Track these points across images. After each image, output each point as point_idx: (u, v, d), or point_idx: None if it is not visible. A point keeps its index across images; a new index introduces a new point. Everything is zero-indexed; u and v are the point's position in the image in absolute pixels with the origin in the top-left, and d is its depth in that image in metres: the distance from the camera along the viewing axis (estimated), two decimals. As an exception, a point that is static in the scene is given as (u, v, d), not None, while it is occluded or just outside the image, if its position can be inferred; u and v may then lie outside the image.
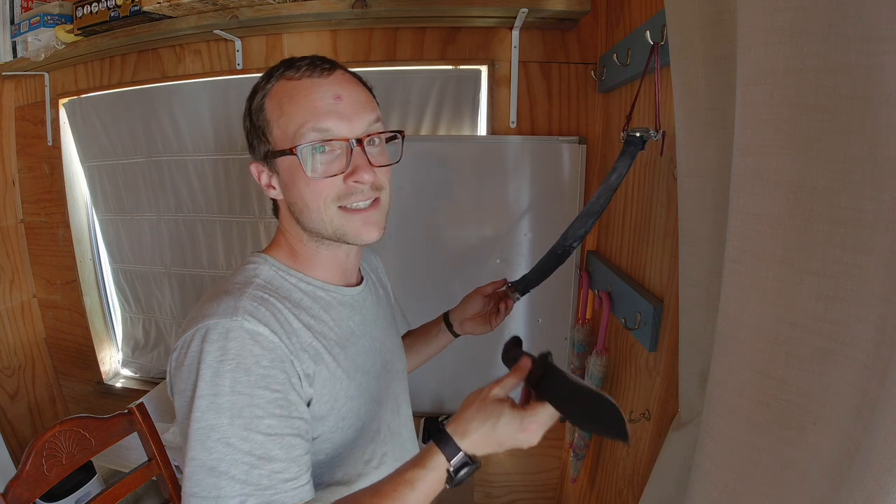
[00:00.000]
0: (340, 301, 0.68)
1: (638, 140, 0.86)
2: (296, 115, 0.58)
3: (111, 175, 1.77)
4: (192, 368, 0.53)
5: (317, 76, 0.59)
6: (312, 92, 0.59)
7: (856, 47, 0.41)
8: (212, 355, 0.52)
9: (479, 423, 0.53)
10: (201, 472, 0.50)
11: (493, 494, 1.75)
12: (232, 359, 0.53)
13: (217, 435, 0.51)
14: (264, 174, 0.63)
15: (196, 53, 1.57)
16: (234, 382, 0.52)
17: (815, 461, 0.48)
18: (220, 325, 0.54)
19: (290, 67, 0.60)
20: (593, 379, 1.20)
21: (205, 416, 0.51)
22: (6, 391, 1.90)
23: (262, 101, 0.60)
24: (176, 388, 0.55)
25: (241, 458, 0.51)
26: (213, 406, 0.51)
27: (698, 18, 0.65)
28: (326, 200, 0.60)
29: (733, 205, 0.52)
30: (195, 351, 0.53)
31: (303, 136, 0.57)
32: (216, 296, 0.58)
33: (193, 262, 1.76)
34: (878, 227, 0.41)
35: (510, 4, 1.21)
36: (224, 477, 0.50)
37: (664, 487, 0.85)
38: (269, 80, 0.61)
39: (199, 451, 0.51)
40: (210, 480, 0.50)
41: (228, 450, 0.51)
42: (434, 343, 0.96)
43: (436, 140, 1.45)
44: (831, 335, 0.45)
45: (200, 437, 0.51)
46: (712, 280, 0.69)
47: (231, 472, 0.50)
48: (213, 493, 0.50)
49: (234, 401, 0.52)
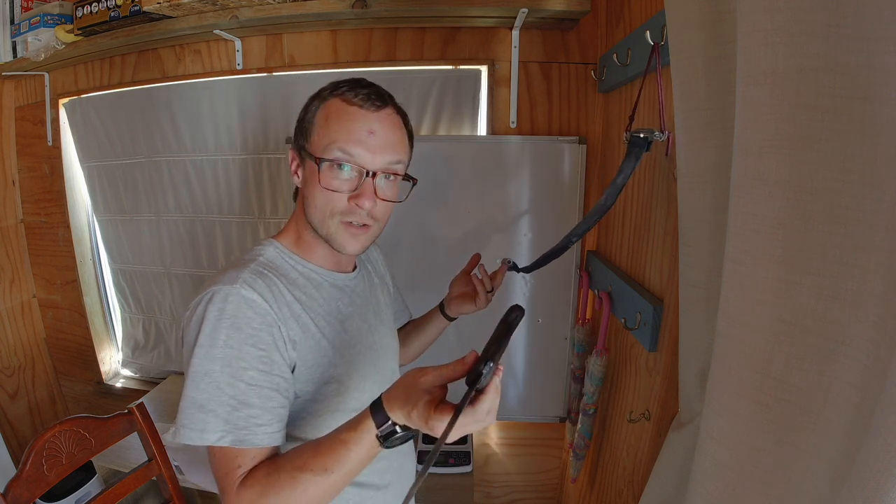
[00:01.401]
0: (332, 283, 0.77)
1: (642, 141, 0.87)
2: (333, 133, 0.67)
3: (111, 175, 1.77)
4: (197, 323, 0.63)
5: (367, 108, 0.68)
6: (356, 120, 0.68)
7: (856, 47, 0.41)
8: (212, 314, 0.62)
9: (401, 403, 0.57)
10: (192, 408, 0.61)
11: (493, 494, 1.75)
12: (228, 318, 0.62)
13: (209, 379, 0.61)
14: (295, 162, 0.74)
15: (196, 53, 1.57)
16: (228, 338, 0.62)
17: (815, 461, 0.48)
18: (222, 291, 0.64)
19: (352, 90, 0.68)
20: (593, 379, 1.20)
21: (201, 363, 0.61)
22: (6, 391, 1.90)
23: (317, 107, 0.70)
24: (184, 341, 0.66)
25: (225, 400, 0.61)
26: (208, 355, 0.61)
27: (698, 18, 0.65)
28: (333, 211, 0.69)
29: (733, 205, 0.52)
30: (201, 310, 0.64)
31: (330, 151, 0.67)
32: (225, 269, 0.68)
33: (194, 262, 1.76)
34: (878, 227, 0.41)
35: (510, 4, 1.21)
36: (210, 414, 0.61)
37: (664, 487, 0.85)
38: (333, 91, 0.70)
39: (193, 391, 0.61)
40: (199, 416, 0.61)
41: (217, 392, 0.61)
42: (430, 327, 1.01)
43: (436, 140, 1.45)
44: (831, 335, 0.45)
45: (195, 378, 0.61)
46: (712, 280, 0.69)
47: (217, 411, 0.61)
48: (200, 426, 0.61)
49: (226, 353, 0.62)
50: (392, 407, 0.57)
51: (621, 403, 1.16)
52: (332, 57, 1.47)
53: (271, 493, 0.59)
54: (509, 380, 1.55)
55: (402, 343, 1.01)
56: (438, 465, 1.34)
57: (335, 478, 0.58)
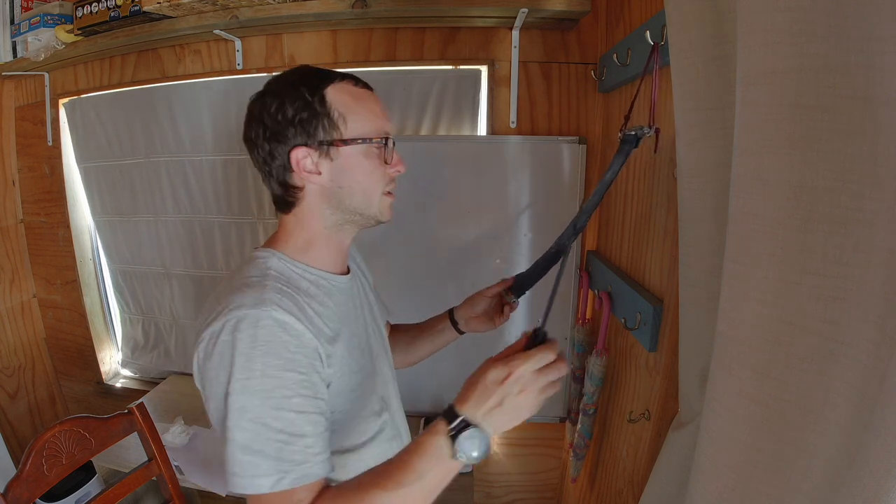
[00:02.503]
0: (338, 289, 0.75)
1: (632, 138, 0.87)
2: (373, 115, 0.69)
3: (109, 176, 1.77)
4: (225, 356, 0.58)
5: (369, 91, 0.72)
6: (375, 101, 0.71)
7: (856, 47, 0.41)
8: (244, 343, 0.57)
9: (472, 396, 0.57)
10: (238, 452, 0.56)
11: (493, 494, 1.75)
12: (262, 345, 0.58)
13: (250, 415, 0.56)
14: (309, 159, 0.67)
15: (196, 53, 1.57)
16: (265, 366, 0.57)
17: (815, 461, 0.48)
18: (251, 316, 0.59)
19: (342, 77, 0.69)
20: (593, 379, 1.20)
21: (239, 399, 0.56)
22: (6, 391, 1.90)
23: (324, 93, 0.67)
24: (206, 377, 0.60)
25: (273, 437, 0.56)
26: (245, 388, 0.56)
27: (698, 18, 0.65)
28: (381, 185, 0.71)
29: (733, 205, 0.52)
30: (226, 340, 0.58)
31: (377, 130, 0.69)
32: (237, 289, 0.63)
33: (193, 262, 1.76)
34: (878, 227, 0.41)
35: (510, 4, 1.21)
36: (259, 455, 0.55)
37: (664, 487, 0.85)
38: (327, 79, 0.68)
39: (236, 432, 0.56)
40: (246, 458, 0.55)
41: (262, 429, 0.56)
42: (439, 338, 0.98)
43: (436, 140, 1.45)
44: (831, 335, 0.45)
45: (236, 418, 0.56)
46: (712, 280, 0.69)
47: (265, 451, 0.55)
48: (250, 471, 0.55)
49: (264, 383, 0.57)
50: (463, 403, 0.57)
51: (621, 403, 1.15)
52: (332, 57, 1.47)
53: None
54: (509, 380, 1.55)
55: (405, 348, 1.00)
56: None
57: (408, 491, 0.55)
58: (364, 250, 0.97)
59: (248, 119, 0.70)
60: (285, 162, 0.68)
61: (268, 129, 0.67)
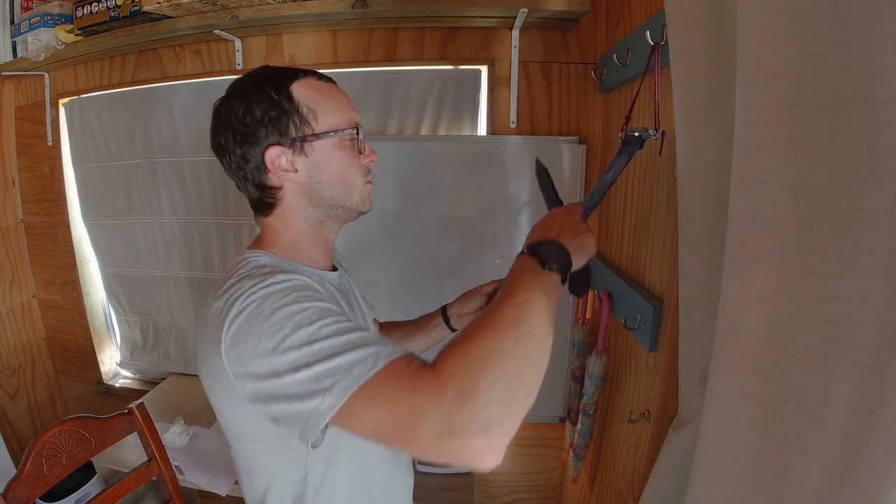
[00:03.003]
0: (332, 283, 0.75)
1: (636, 139, 0.86)
2: (342, 107, 0.70)
3: (105, 178, 1.75)
4: (252, 310, 0.55)
5: (333, 84, 0.72)
6: (341, 94, 0.72)
7: (856, 47, 0.41)
8: (274, 289, 0.56)
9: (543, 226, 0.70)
10: (323, 363, 0.50)
11: (492, 494, 1.75)
12: (296, 290, 0.57)
13: (313, 331, 0.52)
14: (284, 158, 0.66)
15: (196, 53, 1.57)
16: (305, 298, 0.56)
17: (815, 461, 0.48)
18: (268, 280, 0.58)
19: (305, 73, 0.69)
20: (593, 379, 1.20)
21: (293, 337, 0.52)
22: (6, 391, 1.90)
23: (290, 91, 0.66)
24: (239, 341, 0.55)
25: (351, 338, 0.52)
26: (297, 325, 0.52)
27: (698, 18, 0.65)
28: (359, 175, 0.71)
29: (733, 205, 0.52)
30: (255, 298, 0.56)
31: (348, 122, 0.69)
32: (241, 279, 0.60)
33: (189, 264, 1.75)
34: (878, 227, 0.41)
35: (510, 4, 1.21)
36: (340, 357, 0.50)
37: (664, 487, 0.85)
38: (290, 76, 0.68)
39: (306, 355, 0.51)
40: (336, 363, 0.50)
41: (328, 342, 0.51)
42: (431, 335, 0.98)
43: (436, 140, 1.45)
44: (831, 335, 0.45)
45: (299, 344, 0.52)
46: (712, 280, 0.69)
47: (344, 351, 0.50)
48: (341, 374, 0.49)
49: (311, 306, 0.54)
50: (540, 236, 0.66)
51: (621, 403, 1.15)
52: (332, 57, 1.47)
53: (468, 344, 0.48)
54: (509, 380, 1.55)
55: (397, 344, 1.00)
56: (438, 465, 1.33)
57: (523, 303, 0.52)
58: (363, 250, 0.97)
59: (215, 125, 0.69)
60: (259, 163, 0.67)
61: (237, 133, 0.66)
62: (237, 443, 0.69)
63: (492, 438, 0.44)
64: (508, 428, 0.45)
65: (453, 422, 0.44)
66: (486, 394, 0.45)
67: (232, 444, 0.71)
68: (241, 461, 0.72)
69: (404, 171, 1.44)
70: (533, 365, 0.49)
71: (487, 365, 0.46)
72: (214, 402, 0.65)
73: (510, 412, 0.46)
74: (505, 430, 0.45)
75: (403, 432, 0.46)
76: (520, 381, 0.47)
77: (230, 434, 0.69)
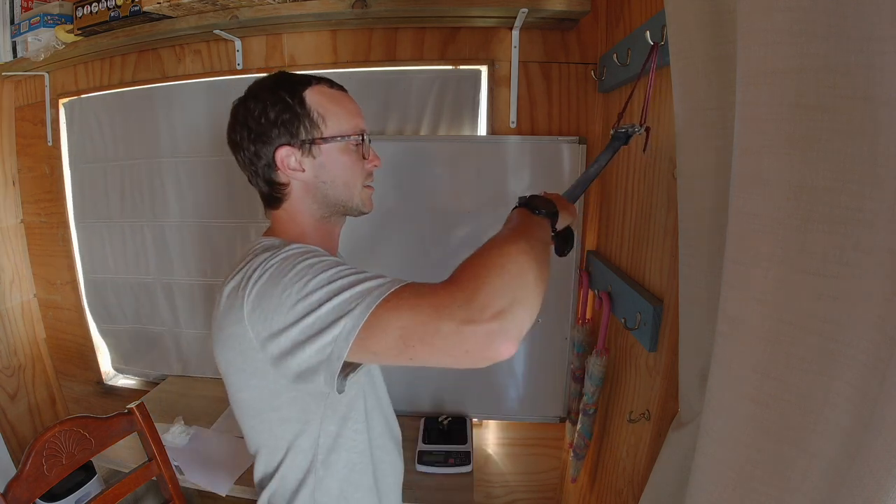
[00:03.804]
0: None
1: (621, 135, 0.88)
2: (350, 113, 0.75)
3: (103, 178, 1.74)
4: (285, 266, 0.60)
5: (344, 92, 0.77)
6: (350, 101, 0.77)
7: (856, 47, 0.41)
8: (296, 251, 0.63)
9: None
10: (344, 293, 0.55)
11: (492, 494, 1.75)
12: (313, 251, 0.64)
13: (333, 272, 0.58)
14: (293, 157, 0.72)
15: (196, 53, 1.57)
16: (324, 255, 0.63)
17: (815, 461, 0.48)
18: (287, 247, 0.64)
19: (318, 80, 0.74)
20: (593, 379, 1.20)
21: (316, 279, 0.57)
22: (6, 391, 1.90)
23: (303, 96, 0.72)
24: (263, 295, 0.60)
25: (363, 274, 0.59)
26: (315, 266, 0.59)
27: (698, 18, 0.65)
28: (360, 178, 0.77)
29: (733, 205, 0.52)
30: (276, 260, 0.61)
31: (355, 127, 0.75)
32: (257, 255, 0.65)
33: (185, 268, 1.72)
34: (878, 227, 0.41)
35: (510, 4, 1.21)
36: (364, 284, 0.56)
37: (664, 487, 0.85)
38: (304, 83, 0.73)
39: (326, 292, 0.56)
40: (357, 290, 0.55)
41: (349, 272, 0.58)
42: None
43: (436, 140, 1.45)
44: (831, 335, 0.45)
45: (321, 284, 0.57)
46: (712, 280, 0.69)
47: (366, 277, 0.58)
48: (364, 294, 0.55)
49: (329, 259, 0.61)
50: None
51: (621, 403, 1.16)
52: (332, 57, 1.47)
53: (475, 258, 0.57)
54: (509, 380, 1.55)
55: None
56: (438, 465, 1.33)
57: (518, 229, 0.65)
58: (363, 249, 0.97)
59: (233, 123, 0.74)
60: (270, 161, 0.72)
61: (252, 132, 0.71)
62: (254, 417, 0.73)
63: (505, 324, 0.49)
64: (519, 318, 0.50)
65: (470, 310, 0.49)
66: (496, 287, 0.51)
67: (246, 421, 0.74)
68: (256, 436, 0.75)
69: (404, 171, 1.44)
70: (533, 269, 0.55)
71: (493, 269, 0.53)
72: (232, 377, 0.68)
73: (520, 304, 0.51)
74: (516, 319, 0.50)
75: (428, 331, 0.51)
76: (524, 279, 0.53)
77: (247, 410, 0.72)
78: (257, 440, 0.76)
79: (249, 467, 1.30)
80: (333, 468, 0.76)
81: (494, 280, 0.52)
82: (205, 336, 1.78)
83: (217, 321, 0.66)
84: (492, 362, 0.50)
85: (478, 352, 0.49)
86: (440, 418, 1.50)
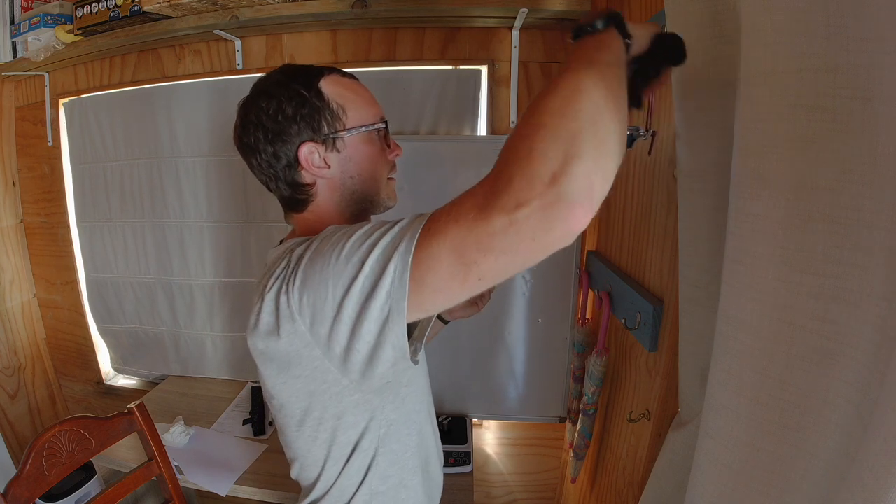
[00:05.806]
0: None
1: (625, 139, 0.87)
2: (368, 101, 0.71)
3: (103, 178, 1.73)
4: (323, 245, 0.55)
5: (356, 80, 0.72)
6: (364, 89, 0.72)
7: (856, 47, 0.41)
8: (333, 233, 0.57)
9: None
10: (377, 264, 0.49)
11: (492, 494, 1.75)
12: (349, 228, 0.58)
13: (370, 237, 0.51)
14: (317, 154, 0.67)
15: (196, 53, 1.57)
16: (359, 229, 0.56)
17: (815, 461, 0.48)
18: (324, 231, 0.59)
19: (331, 70, 0.70)
20: (593, 379, 1.20)
21: (352, 240, 0.52)
22: (6, 391, 1.90)
23: (319, 87, 0.67)
24: (310, 272, 0.54)
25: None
26: (357, 234, 0.53)
27: (698, 18, 0.65)
28: (384, 170, 0.72)
29: (733, 205, 0.52)
30: (316, 242, 0.57)
31: (374, 117, 0.70)
32: (294, 249, 0.59)
33: (182, 268, 1.72)
34: (878, 227, 0.41)
35: (510, 4, 1.21)
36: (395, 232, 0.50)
37: (664, 487, 0.85)
38: (317, 73, 0.69)
39: (367, 262, 0.50)
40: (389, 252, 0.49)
41: (375, 235, 0.51)
42: (431, 330, 0.98)
43: (436, 140, 1.45)
44: (831, 335, 0.45)
45: (360, 253, 0.51)
46: (712, 280, 0.69)
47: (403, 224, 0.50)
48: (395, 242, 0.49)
49: (355, 227, 0.55)
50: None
51: (621, 403, 1.15)
52: (332, 57, 1.47)
53: (516, 132, 0.44)
54: (509, 380, 1.55)
55: None
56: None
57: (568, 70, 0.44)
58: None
59: (243, 124, 0.68)
60: (292, 161, 0.66)
61: (269, 131, 0.65)
62: (306, 399, 0.64)
63: (562, 188, 0.38)
64: (582, 175, 0.39)
65: (516, 192, 0.40)
66: (540, 150, 0.40)
67: (292, 412, 0.66)
68: (310, 418, 0.66)
69: (404, 171, 1.43)
70: (591, 101, 0.41)
71: (532, 128, 0.41)
72: (277, 367, 0.61)
73: (576, 157, 0.39)
74: (577, 177, 0.39)
75: (481, 235, 0.41)
76: (578, 121, 0.40)
77: (294, 397, 0.64)
78: (305, 426, 0.67)
79: (249, 467, 1.31)
80: (395, 440, 0.71)
81: (536, 142, 0.40)
82: (204, 336, 1.78)
83: (255, 322, 0.59)
84: (571, 237, 0.40)
85: (544, 234, 0.39)
86: (440, 418, 1.50)
